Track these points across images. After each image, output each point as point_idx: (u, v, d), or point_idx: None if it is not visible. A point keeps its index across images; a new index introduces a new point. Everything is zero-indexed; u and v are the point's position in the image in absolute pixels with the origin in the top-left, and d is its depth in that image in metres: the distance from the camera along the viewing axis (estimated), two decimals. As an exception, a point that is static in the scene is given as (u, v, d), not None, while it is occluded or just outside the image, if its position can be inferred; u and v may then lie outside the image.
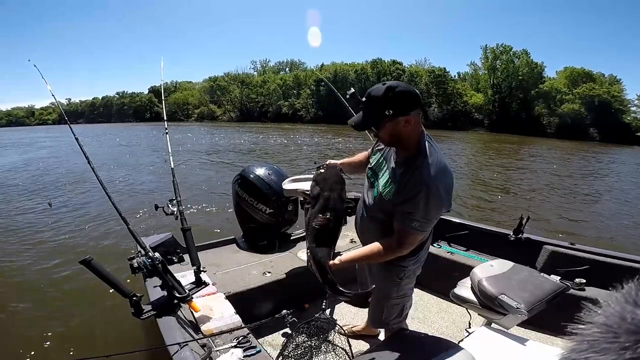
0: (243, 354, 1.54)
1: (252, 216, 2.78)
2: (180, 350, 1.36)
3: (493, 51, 40.57)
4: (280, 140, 20.31)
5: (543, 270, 2.05)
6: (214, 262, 2.51)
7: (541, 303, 1.61)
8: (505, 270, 1.80)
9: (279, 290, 2.30)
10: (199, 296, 1.89)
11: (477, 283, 1.70)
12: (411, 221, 1.26)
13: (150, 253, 1.69)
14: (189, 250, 1.98)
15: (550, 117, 35.06)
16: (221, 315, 1.79)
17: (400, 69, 46.74)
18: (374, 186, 1.43)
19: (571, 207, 6.95)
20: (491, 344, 1.46)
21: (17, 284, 3.44)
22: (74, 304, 3.05)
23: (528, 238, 2.52)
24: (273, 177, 2.77)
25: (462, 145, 19.73)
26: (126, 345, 2.40)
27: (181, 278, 1.87)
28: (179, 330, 1.52)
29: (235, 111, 58.10)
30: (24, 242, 4.50)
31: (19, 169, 11.06)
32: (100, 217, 5.36)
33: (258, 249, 2.77)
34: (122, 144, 19.60)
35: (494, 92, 39.45)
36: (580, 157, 16.40)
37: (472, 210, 6.28)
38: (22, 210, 6.11)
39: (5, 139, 26.37)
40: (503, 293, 1.59)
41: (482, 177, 9.84)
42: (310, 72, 53.19)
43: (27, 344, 2.54)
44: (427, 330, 2.29)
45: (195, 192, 6.98)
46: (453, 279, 1.94)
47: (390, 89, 1.20)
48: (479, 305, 1.69)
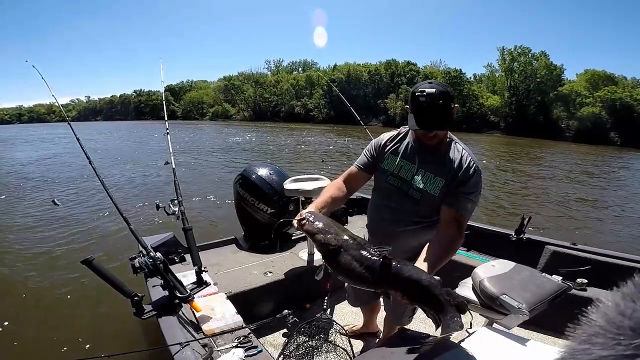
0: (244, 354, 1.54)
1: (254, 216, 2.78)
2: (181, 350, 1.36)
3: (510, 53, 39.77)
4: (289, 140, 20.44)
5: (545, 271, 2.04)
6: (215, 262, 2.52)
7: (543, 303, 1.60)
8: (506, 270, 1.80)
9: (280, 290, 2.30)
10: (200, 296, 1.89)
11: (478, 283, 1.70)
12: (467, 202, 1.30)
13: (152, 253, 1.69)
14: (190, 250, 1.98)
15: (570, 120, 34.10)
16: (222, 315, 1.79)
17: (415, 70, 46.35)
18: (408, 190, 1.39)
19: (588, 212, 6.79)
20: (492, 344, 1.46)
21: (17, 284, 3.44)
22: (75, 304, 3.05)
23: (529, 238, 2.51)
24: (274, 177, 2.78)
25: (478, 147, 19.31)
26: (127, 345, 2.40)
27: (182, 278, 1.88)
28: (181, 330, 1.52)
29: (249, 110, 58.63)
30: (24, 241, 4.51)
31: (32, 164, 11.40)
32: (102, 216, 5.38)
33: (259, 249, 2.77)
34: (131, 142, 19.99)
35: (511, 94, 38.68)
36: (600, 161, 16.04)
37: (489, 214, 6.15)
38: (26, 207, 6.14)
39: (27, 135, 28.12)
40: (504, 293, 1.59)
41: (498, 180, 9.69)
42: (322, 72, 53.30)
43: (27, 343, 2.55)
44: (428, 330, 2.28)
45: (196, 192, 6.98)
46: (454, 279, 1.93)
47: (441, 85, 1.29)
48: (480, 305, 1.68)
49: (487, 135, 34.68)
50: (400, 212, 1.42)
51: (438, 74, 43.94)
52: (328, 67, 58.36)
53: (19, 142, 21.95)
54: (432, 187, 1.34)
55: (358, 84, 47.37)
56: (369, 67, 49.78)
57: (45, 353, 2.47)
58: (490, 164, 12.89)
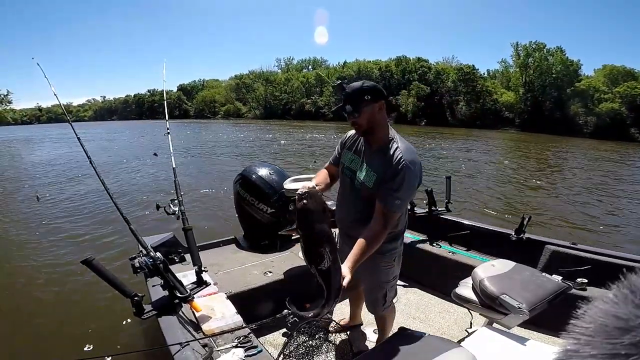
0: (244, 354, 1.54)
1: (254, 216, 2.78)
2: (181, 350, 1.36)
3: (525, 48, 39.19)
4: (296, 137, 20.58)
5: (545, 270, 2.04)
6: (216, 262, 2.52)
7: (543, 303, 1.60)
8: (506, 270, 1.80)
9: (280, 290, 2.30)
10: (200, 296, 1.89)
11: (478, 283, 1.70)
12: (394, 199, 1.40)
13: (152, 253, 1.69)
14: (190, 250, 1.98)
15: (587, 116, 33.26)
16: (222, 315, 1.79)
17: (426, 67, 45.86)
18: (354, 182, 1.55)
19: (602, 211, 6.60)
20: (492, 344, 1.46)
21: (18, 284, 3.45)
22: (76, 304, 3.05)
23: (529, 238, 2.51)
24: (274, 177, 2.78)
25: (489, 144, 19.12)
26: (128, 345, 2.41)
27: (182, 278, 1.88)
28: (181, 330, 1.52)
29: (260, 109, 58.96)
30: (25, 241, 4.52)
31: (43, 164, 11.47)
32: (102, 216, 5.38)
33: (259, 249, 2.77)
34: (137, 141, 20.17)
35: (526, 90, 38.03)
36: (619, 159, 15.61)
37: (489, 214, 6.04)
38: (26, 207, 6.16)
39: (43, 134, 29.13)
40: (504, 293, 1.59)
41: (504, 177, 9.61)
42: (332, 69, 53.06)
43: (28, 343, 2.55)
44: (428, 330, 2.29)
45: (197, 192, 6.98)
46: (454, 279, 1.93)
47: (364, 82, 1.47)
48: (480, 305, 1.68)
49: (502, 131, 34.16)
50: (349, 201, 1.62)
51: (450, 70, 43.61)
52: (338, 64, 58.59)
53: (31, 143, 22.51)
54: (368, 180, 1.48)
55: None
56: (379, 63, 49.60)
57: (45, 353, 2.46)
58: (498, 160, 12.85)
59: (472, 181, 8.69)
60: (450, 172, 7.01)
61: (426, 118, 41.01)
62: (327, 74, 51.64)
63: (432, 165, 11.06)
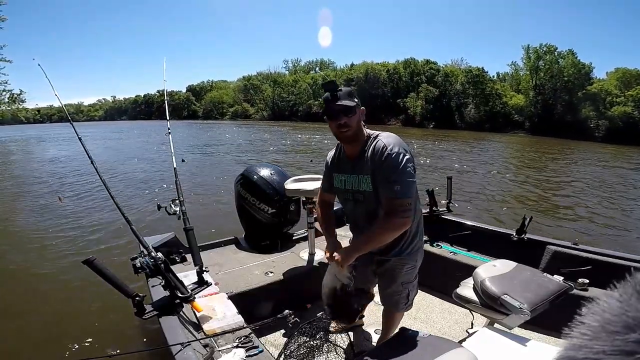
0: (245, 354, 1.55)
1: (255, 216, 2.79)
2: (182, 350, 1.36)
3: (536, 51, 38.54)
4: (304, 137, 20.55)
5: (546, 271, 2.04)
6: (217, 262, 2.52)
7: (544, 303, 1.60)
8: (507, 270, 1.79)
9: (281, 290, 2.30)
10: (201, 296, 1.89)
11: (479, 283, 1.70)
12: (392, 185, 1.38)
13: (153, 253, 1.69)
14: (191, 250, 1.98)
15: (599, 120, 32.56)
16: (223, 315, 1.79)
17: (435, 69, 45.41)
18: (355, 196, 1.56)
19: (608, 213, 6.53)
20: (493, 344, 1.46)
21: (18, 284, 3.46)
22: (76, 304, 3.06)
23: (530, 238, 2.51)
24: (275, 178, 2.78)
25: (497, 149, 18.96)
26: (129, 345, 2.41)
27: (183, 278, 1.88)
28: (182, 330, 1.52)
29: (267, 110, 59.06)
30: (26, 241, 4.52)
31: (49, 162, 11.61)
32: (103, 216, 5.39)
33: (260, 249, 2.78)
34: (141, 141, 20.32)
35: (537, 93, 37.39)
36: (629, 162, 15.34)
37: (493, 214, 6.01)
38: (29, 206, 6.17)
39: (56, 133, 29.73)
40: (506, 293, 1.59)
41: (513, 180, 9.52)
42: (339, 71, 52.93)
43: (28, 343, 2.55)
44: (430, 330, 2.28)
45: (197, 192, 6.99)
46: (455, 279, 1.93)
47: (350, 86, 1.51)
48: (481, 305, 1.68)
49: (511, 135, 33.71)
50: (358, 217, 1.61)
51: (459, 73, 43.15)
52: (345, 65, 58.28)
53: (38, 142, 22.93)
54: (366, 186, 1.49)
55: (377, 83, 46.78)
56: (387, 65, 49.15)
57: (45, 353, 2.47)
58: (504, 163, 12.76)
59: (476, 182, 8.68)
60: (454, 173, 6.99)
61: (434, 121, 40.49)
62: (334, 76, 51.24)
63: (436, 165, 11.08)
